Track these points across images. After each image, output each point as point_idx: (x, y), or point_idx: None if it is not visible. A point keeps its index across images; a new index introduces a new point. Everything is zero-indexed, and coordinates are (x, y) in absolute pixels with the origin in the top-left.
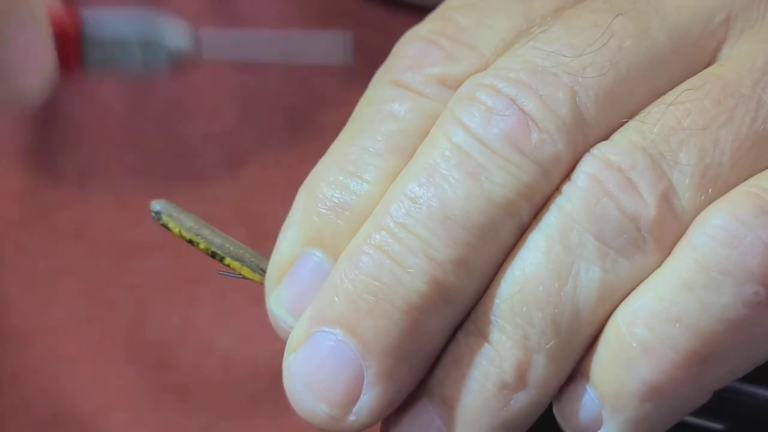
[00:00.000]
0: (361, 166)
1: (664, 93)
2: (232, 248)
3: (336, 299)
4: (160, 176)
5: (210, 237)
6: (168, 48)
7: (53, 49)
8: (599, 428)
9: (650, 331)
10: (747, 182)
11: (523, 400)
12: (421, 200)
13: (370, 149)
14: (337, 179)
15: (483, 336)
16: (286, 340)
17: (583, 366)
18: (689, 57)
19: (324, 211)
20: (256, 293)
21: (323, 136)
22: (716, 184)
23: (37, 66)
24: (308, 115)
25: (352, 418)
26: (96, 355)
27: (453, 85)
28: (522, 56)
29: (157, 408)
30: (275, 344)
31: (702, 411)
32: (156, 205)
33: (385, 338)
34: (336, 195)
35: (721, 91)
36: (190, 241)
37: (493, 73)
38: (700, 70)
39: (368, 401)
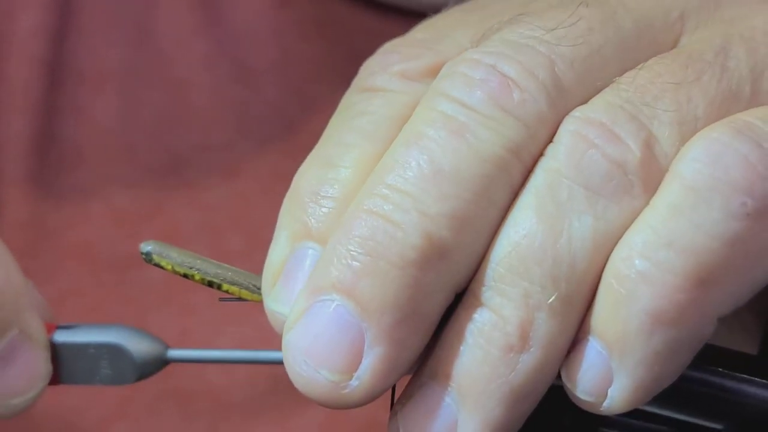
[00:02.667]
0: (338, 157)
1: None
2: (227, 274)
3: (330, 267)
4: (158, 187)
5: (204, 267)
6: (136, 362)
7: (49, 366)
8: (610, 386)
9: (646, 260)
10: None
11: (529, 362)
12: (411, 161)
13: (345, 143)
14: (317, 173)
15: (483, 304)
16: None
17: (585, 325)
18: (653, 45)
19: (307, 201)
20: None
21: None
22: (693, 134)
23: (31, 382)
24: (302, 123)
25: (354, 382)
26: None
27: (416, 77)
28: (497, 39)
29: (158, 416)
30: (274, 348)
31: (702, 411)
32: (145, 246)
33: (382, 296)
34: (317, 185)
35: (687, 58)
36: (185, 275)
37: (471, 51)
38: None
39: (370, 364)
